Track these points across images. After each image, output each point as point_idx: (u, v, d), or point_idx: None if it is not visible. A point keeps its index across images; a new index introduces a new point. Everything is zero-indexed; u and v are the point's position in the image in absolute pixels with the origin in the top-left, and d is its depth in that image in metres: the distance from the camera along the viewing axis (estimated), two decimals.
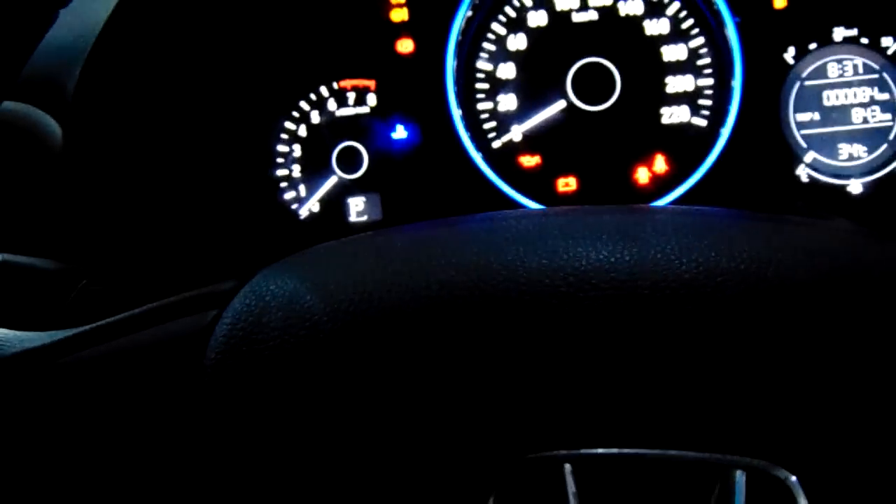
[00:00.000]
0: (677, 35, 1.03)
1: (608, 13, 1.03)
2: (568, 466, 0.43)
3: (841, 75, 1.02)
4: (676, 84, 1.03)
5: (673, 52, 1.03)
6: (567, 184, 1.04)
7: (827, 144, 1.02)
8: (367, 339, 0.46)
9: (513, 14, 1.04)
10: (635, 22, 1.03)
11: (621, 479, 0.43)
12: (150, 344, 0.54)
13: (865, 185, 1.01)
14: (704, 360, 0.42)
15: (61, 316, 0.73)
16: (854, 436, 0.42)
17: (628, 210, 0.52)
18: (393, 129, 1.05)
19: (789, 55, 1.01)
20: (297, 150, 1.07)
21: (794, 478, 0.41)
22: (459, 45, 1.04)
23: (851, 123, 1.02)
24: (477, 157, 1.04)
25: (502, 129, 1.05)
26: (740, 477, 0.41)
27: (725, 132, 1.01)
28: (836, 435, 0.42)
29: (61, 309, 0.76)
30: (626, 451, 0.42)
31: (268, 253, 0.86)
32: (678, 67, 1.03)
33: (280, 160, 1.06)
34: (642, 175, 1.03)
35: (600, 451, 0.42)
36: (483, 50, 1.05)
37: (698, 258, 0.44)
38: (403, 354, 0.45)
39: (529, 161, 1.05)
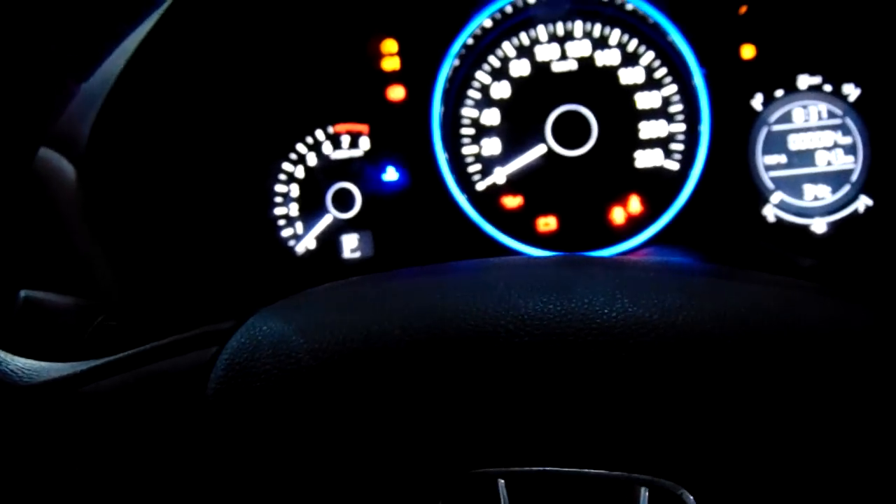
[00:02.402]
0: (651, 84, 1.09)
1: (586, 63, 1.09)
2: (501, 481, 0.50)
3: (806, 120, 1.08)
4: (650, 130, 1.09)
5: (646, 100, 1.09)
6: (547, 223, 1.10)
7: (793, 185, 1.08)
8: (341, 372, 0.53)
9: (497, 64, 1.11)
10: (611, 71, 1.09)
11: (548, 494, 0.50)
12: (160, 375, 0.61)
13: (829, 225, 1.07)
14: (618, 395, 0.50)
15: (79, 349, 0.80)
16: (744, 461, 0.49)
17: (569, 263, 0.59)
18: (384, 171, 1.12)
19: (757, 102, 1.07)
20: (295, 191, 1.13)
21: (691, 497, 0.48)
22: (446, 92, 1.10)
23: (816, 166, 1.08)
24: (461, 199, 1.10)
25: (486, 171, 1.11)
26: (644, 493, 0.49)
27: (696, 174, 1.07)
28: (727, 460, 0.49)
29: (79, 342, 0.83)
30: (549, 468, 0.49)
31: (267, 286, 0.93)
32: (651, 114, 1.09)
33: (278, 200, 1.13)
34: (618, 215, 1.09)
35: (528, 468, 0.50)
36: (468, 97, 1.11)
37: (619, 308, 0.51)
38: (370, 386, 0.52)
39: (512, 202, 1.11)
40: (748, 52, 1.07)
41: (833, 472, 0.49)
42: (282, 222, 1.13)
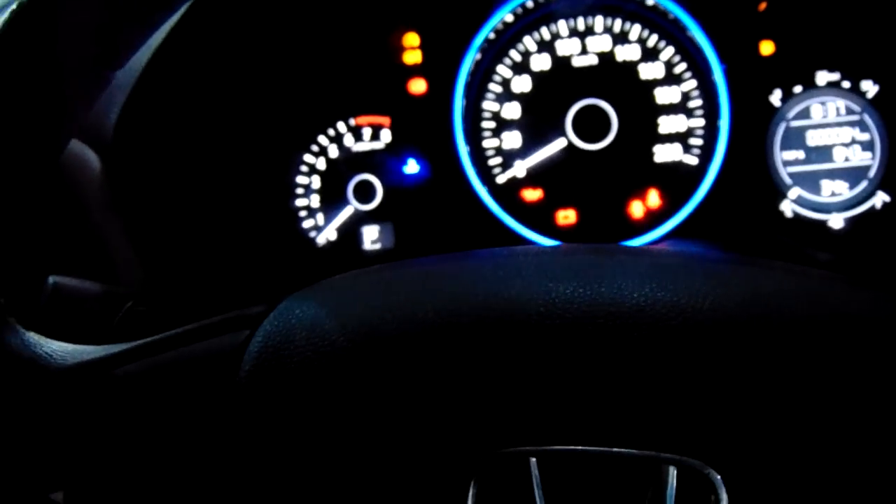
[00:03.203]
0: (670, 79, 1.10)
1: (606, 58, 1.10)
2: (533, 460, 0.51)
3: (824, 117, 1.08)
4: (669, 124, 1.10)
5: (666, 95, 1.10)
6: (566, 216, 1.11)
7: (810, 181, 1.08)
8: (376, 355, 0.55)
9: (518, 58, 1.12)
10: (631, 66, 1.10)
11: (578, 472, 0.51)
12: (191, 359, 0.62)
13: (846, 220, 1.08)
14: (647, 377, 0.51)
15: (108, 334, 0.82)
16: (775, 444, 0.50)
17: (597, 251, 0.60)
18: (405, 163, 1.13)
19: (776, 98, 1.08)
20: (316, 182, 1.14)
21: (718, 476, 0.50)
22: (468, 86, 1.11)
23: (834, 162, 1.08)
24: (482, 191, 1.11)
25: (506, 164, 1.12)
26: (672, 472, 0.50)
27: (714, 169, 1.08)
28: (757, 443, 0.50)
29: (108, 328, 0.84)
30: (580, 448, 0.51)
31: (288, 277, 0.94)
32: (671, 109, 1.10)
33: (300, 191, 1.14)
34: (637, 209, 1.10)
35: (559, 447, 0.51)
36: (490, 91, 1.12)
37: (646, 293, 0.52)
38: (404, 368, 0.54)
39: (531, 195, 1.12)
40: (767, 48, 1.07)
41: (861, 456, 0.50)
42: (303, 213, 1.14)
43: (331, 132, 1.14)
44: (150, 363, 0.64)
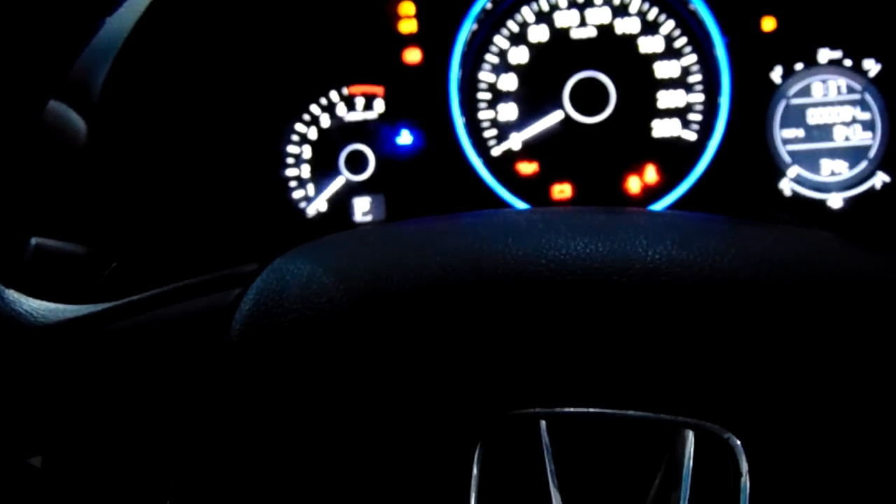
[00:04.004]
0: (670, 53, 1.08)
1: (605, 30, 1.08)
2: (543, 423, 0.49)
3: (825, 95, 1.06)
4: (668, 99, 1.08)
5: (665, 69, 1.08)
6: (562, 191, 1.09)
7: (810, 160, 1.07)
8: (377, 311, 0.52)
9: (515, 29, 1.09)
10: (631, 39, 1.08)
11: (589, 435, 0.49)
12: (180, 318, 0.59)
13: (845, 200, 1.06)
14: (663, 337, 0.49)
15: (92, 294, 0.79)
16: (798, 410, 0.48)
17: (607, 211, 0.58)
18: (399, 134, 1.11)
19: (776, 74, 1.06)
20: (307, 152, 1.12)
21: (738, 441, 0.47)
22: (464, 56, 1.09)
23: (834, 141, 1.07)
24: (477, 163, 1.09)
25: (502, 137, 1.10)
26: (690, 437, 0.48)
27: (713, 146, 1.06)
28: (779, 408, 0.48)
29: (92, 288, 0.81)
30: (592, 410, 0.48)
31: (276, 248, 0.92)
32: (670, 83, 1.08)
33: (290, 161, 1.12)
34: (633, 184, 1.08)
35: (570, 409, 0.48)
36: (486, 62, 1.10)
37: (661, 250, 0.50)
38: (406, 326, 0.51)
39: (527, 168, 1.10)
40: (769, 24, 1.06)
41: (882, 419, 0.48)
42: (293, 184, 1.12)
43: (323, 101, 1.12)
44: (135, 322, 0.61)
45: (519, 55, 1.09)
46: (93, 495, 0.66)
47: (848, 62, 1.06)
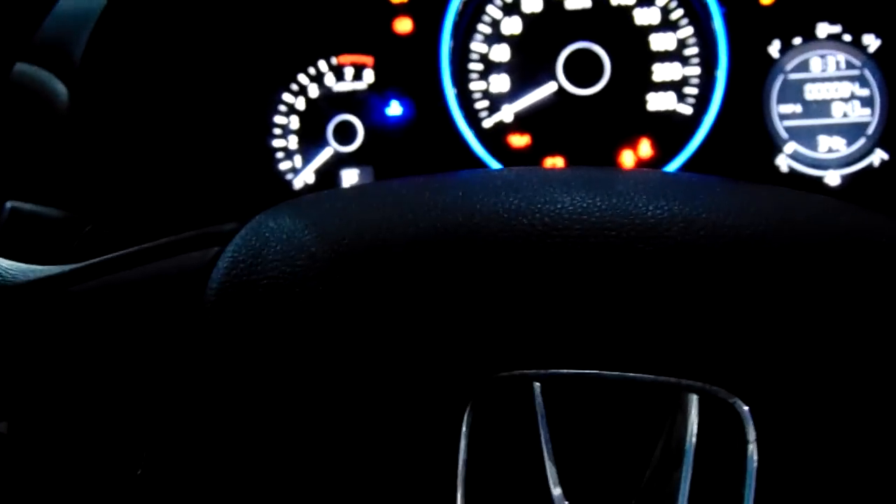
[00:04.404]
0: (666, 25, 1.06)
1: (600, 1, 1.06)
2: (537, 385, 0.46)
3: (823, 70, 1.05)
4: (663, 72, 1.06)
5: (661, 42, 1.06)
6: (554, 164, 1.07)
7: (807, 136, 1.05)
8: (361, 269, 0.49)
9: None
10: (626, 11, 1.06)
11: (586, 399, 0.47)
12: (155, 277, 0.57)
13: (843, 177, 1.04)
14: (665, 295, 0.46)
15: (66, 256, 0.76)
16: (807, 376, 0.46)
17: (604, 169, 0.55)
18: (388, 104, 1.08)
19: (774, 49, 1.04)
20: (295, 122, 1.10)
21: (745, 407, 0.45)
22: (456, 26, 1.07)
23: (832, 117, 1.05)
24: (468, 135, 1.07)
25: (494, 108, 1.08)
26: (694, 402, 0.45)
27: (709, 120, 1.04)
28: (789, 372, 0.46)
29: (66, 253, 0.79)
30: (589, 371, 0.46)
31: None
32: (666, 56, 1.06)
33: (277, 131, 1.09)
34: (627, 158, 1.06)
35: (565, 370, 0.46)
36: (478, 32, 1.08)
37: (664, 206, 0.48)
38: (392, 284, 0.48)
39: (519, 141, 1.08)
40: None
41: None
42: (280, 155, 1.10)
43: (311, 71, 1.10)
44: (109, 282, 0.59)
45: (512, 25, 1.07)
46: (61, 463, 0.63)
47: (847, 37, 1.04)
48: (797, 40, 1.04)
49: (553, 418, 0.46)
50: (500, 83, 1.07)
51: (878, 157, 1.03)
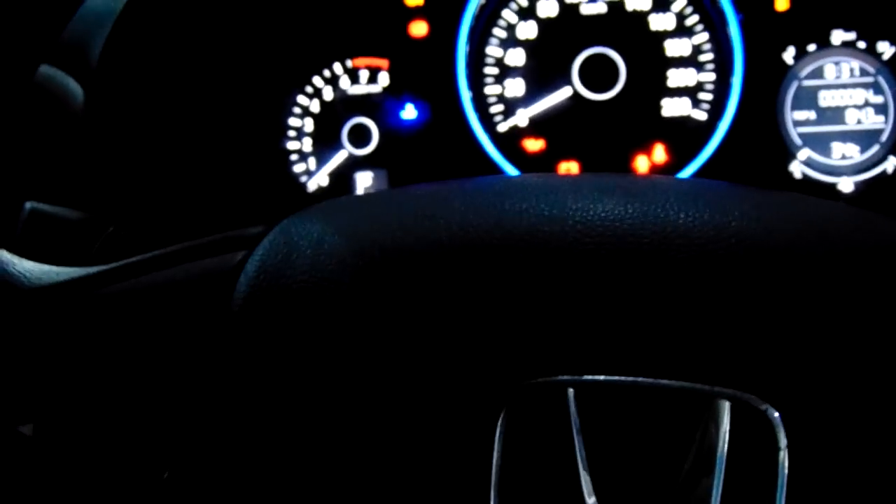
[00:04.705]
0: (682, 30, 1.06)
1: (616, 6, 1.06)
2: (571, 391, 0.46)
3: (837, 77, 1.05)
4: (678, 78, 1.06)
5: (677, 47, 1.06)
6: (569, 168, 1.07)
7: (821, 143, 1.05)
8: (391, 275, 0.49)
9: (524, 3, 1.07)
10: (642, 16, 1.06)
11: (619, 406, 0.47)
12: (181, 282, 0.56)
13: (856, 184, 1.04)
14: (697, 302, 0.46)
15: (88, 258, 0.76)
16: (840, 381, 0.46)
17: (632, 176, 0.55)
18: (403, 108, 1.08)
19: (789, 55, 1.05)
20: (309, 125, 1.10)
21: (776, 413, 0.45)
22: (472, 30, 1.07)
23: (846, 124, 1.05)
24: (483, 139, 1.07)
25: (509, 112, 1.08)
26: (726, 409, 0.45)
27: (724, 126, 1.04)
28: (820, 380, 0.46)
29: (87, 252, 0.79)
30: (623, 378, 0.46)
31: (276, 222, 0.89)
32: (681, 62, 1.06)
33: (292, 133, 1.09)
34: (642, 163, 1.06)
35: (600, 377, 0.46)
36: (494, 36, 1.08)
37: (695, 214, 0.48)
38: (424, 290, 0.48)
39: (534, 145, 1.08)
40: (782, 3, 1.04)
41: None
42: (294, 157, 1.10)
43: (326, 73, 1.10)
44: (133, 286, 0.58)
45: (527, 30, 1.07)
46: (86, 467, 0.63)
47: (862, 44, 1.04)
48: (812, 47, 1.05)
49: (586, 425, 0.46)
50: (516, 87, 1.08)
51: (892, 163, 1.04)
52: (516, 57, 1.08)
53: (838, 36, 1.05)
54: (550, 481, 0.46)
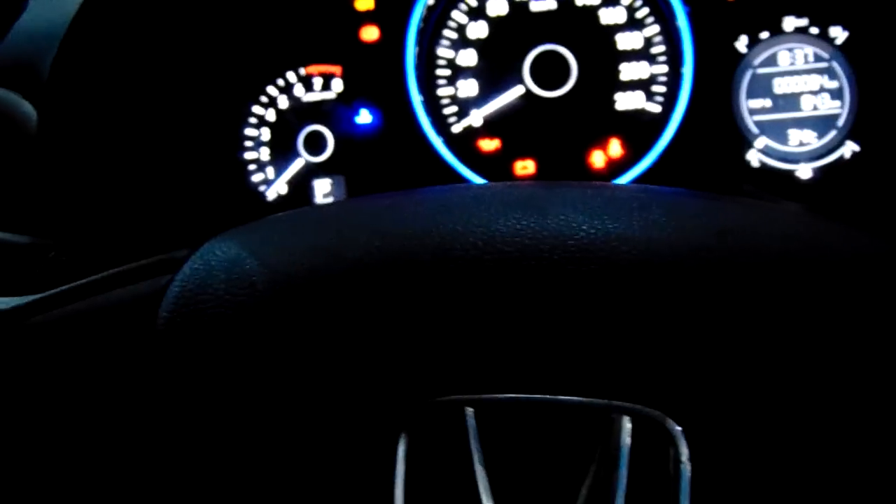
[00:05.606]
0: (632, 24, 1.05)
1: (565, 2, 1.06)
2: (470, 410, 0.46)
3: (792, 64, 1.04)
4: (631, 71, 1.05)
5: (628, 41, 1.05)
6: (525, 167, 1.07)
7: (778, 130, 1.05)
8: (299, 296, 0.50)
9: (473, 3, 1.07)
10: (591, 11, 1.06)
11: (519, 423, 0.47)
12: (112, 306, 0.57)
13: (814, 171, 1.04)
14: (598, 316, 0.46)
15: (28, 284, 0.77)
16: (739, 395, 0.46)
17: (543, 185, 0.55)
18: (357, 113, 1.08)
19: (741, 44, 1.04)
20: (266, 134, 1.10)
21: (678, 428, 0.45)
22: (421, 32, 1.07)
23: (801, 110, 1.04)
24: (437, 142, 1.07)
25: (462, 114, 1.08)
26: (626, 424, 0.45)
27: (678, 118, 1.04)
28: (721, 393, 0.46)
29: (29, 280, 0.79)
30: (522, 396, 0.46)
31: None
32: (633, 55, 1.05)
33: (248, 144, 1.10)
34: (598, 159, 1.06)
35: (499, 395, 0.46)
36: (444, 38, 1.07)
37: (597, 225, 0.48)
38: (329, 310, 0.49)
39: (488, 145, 1.08)
40: None
41: (828, 404, 0.46)
42: (252, 167, 1.10)
43: (280, 82, 1.10)
44: (66, 313, 0.59)
45: (478, 30, 1.07)
46: (23, 492, 0.64)
47: (814, 30, 1.04)
48: (764, 34, 1.04)
49: (487, 442, 0.46)
50: (468, 88, 1.07)
51: (850, 148, 1.03)
52: (468, 57, 1.07)
53: (790, 22, 1.04)
54: (452, 498, 0.46)
